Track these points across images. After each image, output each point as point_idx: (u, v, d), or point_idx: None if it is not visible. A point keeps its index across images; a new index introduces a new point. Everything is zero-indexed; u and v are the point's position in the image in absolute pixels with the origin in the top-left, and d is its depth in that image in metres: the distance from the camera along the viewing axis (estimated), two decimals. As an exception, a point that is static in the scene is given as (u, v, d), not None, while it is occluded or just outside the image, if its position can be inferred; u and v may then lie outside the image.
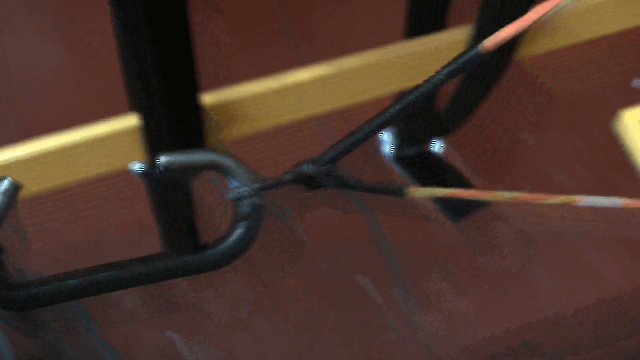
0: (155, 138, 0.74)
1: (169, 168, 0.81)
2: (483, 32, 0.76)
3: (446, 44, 0.78)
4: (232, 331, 1.43)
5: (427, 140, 0.93)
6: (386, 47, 0.77)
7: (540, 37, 0.79)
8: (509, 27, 0.66)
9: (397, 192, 0.83)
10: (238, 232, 0.85)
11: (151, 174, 0.80)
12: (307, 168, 0.84)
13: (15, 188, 0.78)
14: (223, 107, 0.74)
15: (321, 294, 1.50)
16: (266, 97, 0.75)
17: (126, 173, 0.80)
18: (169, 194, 0.84)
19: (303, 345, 1.47)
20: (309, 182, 0.85)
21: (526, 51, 0.79)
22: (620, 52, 1.70)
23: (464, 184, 0.96)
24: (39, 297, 0.82)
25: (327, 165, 0.83)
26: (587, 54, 1.70)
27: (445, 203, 0.96)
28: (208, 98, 0.74)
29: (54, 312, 1.35)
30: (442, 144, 0.95)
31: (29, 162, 0.74)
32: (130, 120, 0.74)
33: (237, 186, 0.87)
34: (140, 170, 0.79)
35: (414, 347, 1.46)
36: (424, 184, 0.96)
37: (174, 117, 0.72)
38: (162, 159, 0.81)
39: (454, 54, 0.78)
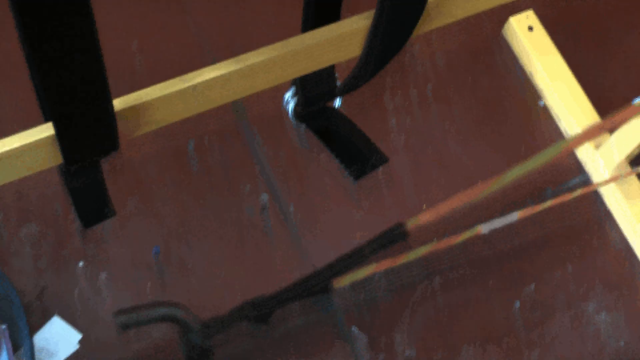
0: (70, 145, 0.76)
1: (127, 326, 0.86)
2: (385, 18, 0.78)
3: (347, 32, 0.80)
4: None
5: (328, 99, 0.96)
6: (286, 40, 0.78)
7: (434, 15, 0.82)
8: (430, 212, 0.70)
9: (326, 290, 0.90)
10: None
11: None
12: (250, 312, 0.91)
13: None
14: (132, 110, 0.76)
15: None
16: (172, 97, 0.77)
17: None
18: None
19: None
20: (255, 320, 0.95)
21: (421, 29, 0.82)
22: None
23: (362, 137, 1.00)
24: None
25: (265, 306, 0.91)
26: None
27: (344, 161, 1.00)
28: (117, 103, 0.75)
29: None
30: (340, 100, 0.98)
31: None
32: (45, 130, 0.75)
33: (189, 333, 0.92)
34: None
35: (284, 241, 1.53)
36: (325, 138, 1.00)
37: (86, 125, 0.74)
38: (121, 319, 0.85)
39: (355, 41, 0.81)
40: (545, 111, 1.67)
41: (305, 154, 1.59)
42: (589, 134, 1.40)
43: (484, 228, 1.17)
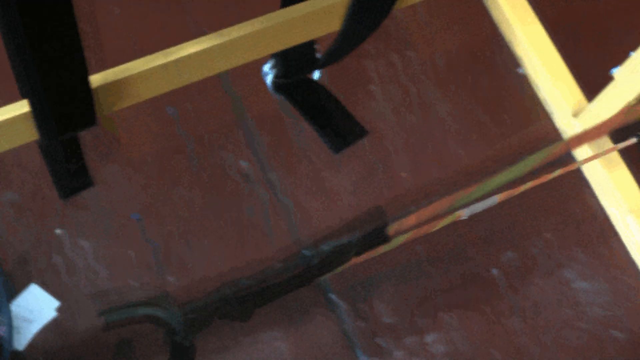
0: (46, 121, 0.76)
1: (110, 325, 0.88)
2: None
3: (327, 6, 0.80)
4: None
5: (307, 71, 0.96)
6: (266, 15, 0.79)
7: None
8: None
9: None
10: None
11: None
12: (231, 311, 0.95)
13: None
14: (112, 86, 0.76)
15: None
16: (153, 72, 0.77)
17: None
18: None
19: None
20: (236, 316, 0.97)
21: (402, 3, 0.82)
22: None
23: (341, 110, 1.00)
24: None
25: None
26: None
27: (325, 134, 1.00)
28: (96, 79, 0.76)
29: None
30: (321, 72, 0.98)
31: None
32: (21, 107, 0.75)
33: (169, 332, 0.94)
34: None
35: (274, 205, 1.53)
36: (304, 110, 1.00)
37: (63, 102, 0.74)
38: (105, 318, 0.88)
39: (336, 16, 0.81)
40: (544, 110, 1.67)
41: (305, 153, 1.59)
42: (589, 136, 1.40)
43: (464, 213, 1.17)
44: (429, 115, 1.65)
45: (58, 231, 1.46)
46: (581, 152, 1.59)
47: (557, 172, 1.25)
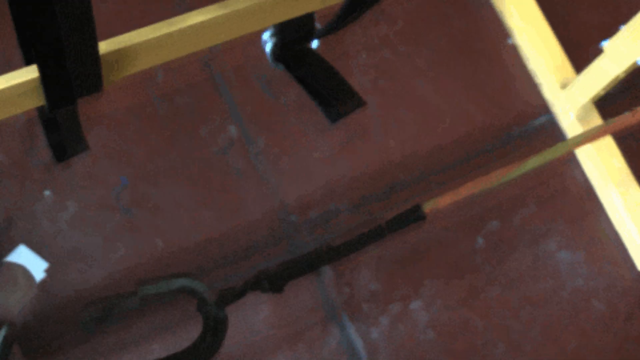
0: (55, 88, 0.76)
1: (146, 296, 0.89)
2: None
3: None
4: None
5: (306, 41, 0.97)
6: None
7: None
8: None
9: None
10: (208, 339, 0.97)
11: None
12: (265, 283, 0.96)
13: None
14: (118, 53, 0.77)
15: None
16: (158, 40, 0.78)
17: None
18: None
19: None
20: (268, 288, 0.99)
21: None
22: None
23: (339, 79, 1.00)
24: None
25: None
26: None
27: (322, 104, 1.01)
28: (104, 46, 0.76)
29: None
30: (319, 42, 0.98)
31: None
32: (28, 73, 0.76)
33: (204, 303, 0.96)
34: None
35: (253, 179, 1.53)
36: (302, 80, 1.00)
37: (72, 67, 0.75)
38: (142, 290, 0.89)
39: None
40: (532, 81, 1.68)
41: (289, 123, 1.59)
42: (591, 137, 1.42)
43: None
44: (416, 85, 1.65)
45: (47, 192, 1.47)
46: (568, 124, 1.61)
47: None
